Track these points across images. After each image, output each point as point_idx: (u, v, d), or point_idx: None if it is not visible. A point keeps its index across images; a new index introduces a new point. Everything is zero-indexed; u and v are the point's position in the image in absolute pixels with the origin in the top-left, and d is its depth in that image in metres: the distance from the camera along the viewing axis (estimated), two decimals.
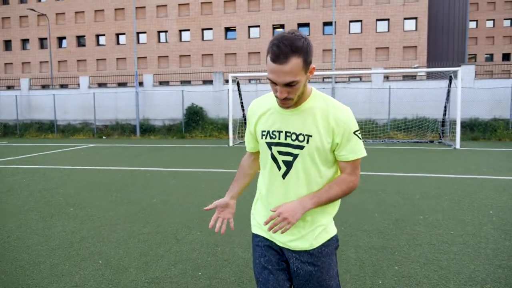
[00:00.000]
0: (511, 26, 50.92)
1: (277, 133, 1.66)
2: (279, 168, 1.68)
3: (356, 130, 1.62)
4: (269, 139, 1.69)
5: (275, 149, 1.68)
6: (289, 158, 1.65)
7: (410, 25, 34.02)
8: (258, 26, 36.71)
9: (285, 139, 1.65)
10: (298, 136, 1.62)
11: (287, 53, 1.45)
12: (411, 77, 26.22)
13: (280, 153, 1.67)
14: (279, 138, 1.66)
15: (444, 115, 16.05)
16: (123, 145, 16.76)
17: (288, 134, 1.64)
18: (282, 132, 1.65)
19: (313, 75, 1.56)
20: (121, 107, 22.06)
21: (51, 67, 33.88)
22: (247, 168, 1.95)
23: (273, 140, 1.67)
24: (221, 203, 1.89)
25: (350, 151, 1.62)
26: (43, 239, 4.45)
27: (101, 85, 31.16)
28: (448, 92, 15.62)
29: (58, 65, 40.22)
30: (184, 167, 9.84)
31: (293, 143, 1.63)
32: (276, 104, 1.66)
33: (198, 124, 20.09)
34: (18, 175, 9.01)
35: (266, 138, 1.70)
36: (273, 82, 1.52)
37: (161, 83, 28.46)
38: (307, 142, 1.61)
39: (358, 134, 1.63)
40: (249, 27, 36.85)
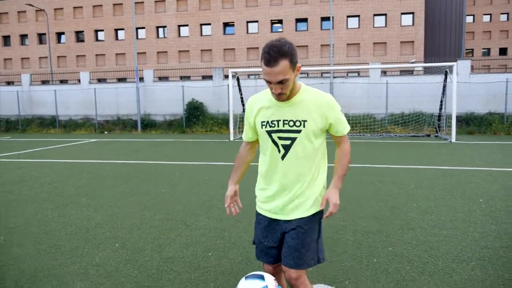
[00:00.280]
0: (508, 20, 51.16)
1: (276, 122, 2.02)
2: (279, 151, 2.05)
3: (340, 109, 2.06)
4: (269, 127, 2.04)
5: (275, 135, 2.04)
6: (287, 142, 2.02)
7: (407, 20, 34.26)
8: (257, 22, 36.88)
9: (283, 126, 2.01)
10: (295, 122, 2.00)
11: (276, 57, 1.81)
12: (409, 72, 26.50)
13: (280, 138, 2.03)
14: (278, 126, 2.02)
15: (440, 109, 16.36)
16: (125, 140, 17.03)
17: (285, 122, 2.01)
18: (280, 120, 2.01)
19: (300, 72, 1.96)
20: (122, 103, 22.29)
21: (50, 63, 34.00)
22: (245, 157, 2.30)
23: (272, 128, 2.03)
24: (231, 193, 2.24)
25: (343, 127, 2.08)
26: (61, 225, 4.75)
27: (100, 80, 31.37)
28: (444, 87, 15.92)
29: (57, 60, 40.34)
30: (187, 161, 10.13)
31: (291, 128, 2.01)
32: (272, 98, 2.02)
33: (198, 119, 20.35)
34: (26, 168, 9.29)
35: (266, 127, 2.05)
36: (268, 81, 1.90)
37: (161, 79, 28.65)
38: (304, 126, 2.00)
39: (342, 112, 2.08)
40: (248, 22, 37.02)
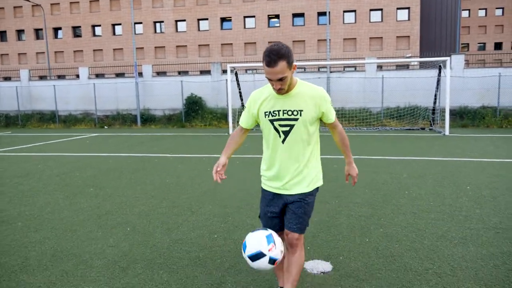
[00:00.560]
0: (503, 15, 51.51)
1: (277, 112, 2.40)
2: (280, 136, 2.42)
3: (328, 101, 2.44)
4: (271, 117, 2.42)
5: (276, 123, 2.41)
6: (286, 128, 2.40)
7: (403, 15, 34.53)
8: (254, 17, 37.05)
9: (283, 115, 2.39)
10: (293, 111, 2.38)
11: (275, 60, 2.18)
12: (404, 66, 26.81)
13: (281, 125, 2.41)
14: (278, 115, 2.40)
15: (435, 103, 16.69)
16: (125, 134, 17.30)
17: (285, 111, 2.39)
18: (280, 110, 2.39)
19: (296, 68, 2.35)
20: (121, 97, 22.50)
21: (48, 58, 34.10)
22: (238, 138, 2.67)
23: (274, 117, 2.41)
24: (222, 163, 2.57)
25: (332, 114, 2.48)
26: (73, 213, 5.05)
27: (98, 75, 31.49)
28: (438, 81, 16.24)
29: (54, 55, 40.40)
30: (189, 153, 10.44)
31: (289, 117, 2.38)
32: (273, 92, 2.40)
33: (197, 113, 20.62)
34: (31, 161, 9.56)
35: (268, 117, 2.43)
36: (269, 79, 2.28)
37: (159, 74, 28.83)
38: (300, 115, 2.37)
39: (330, 102, 2.46)
40: (245, 17, 37.18)
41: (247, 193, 5.87)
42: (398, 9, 34.51)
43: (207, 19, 37.71)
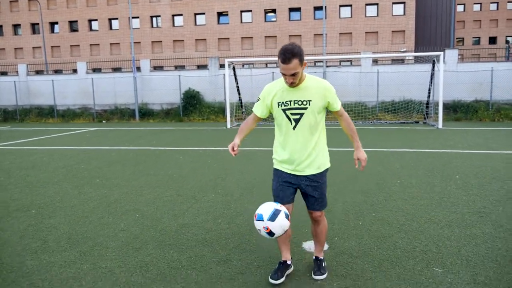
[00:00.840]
0: (498, 10, 51.85)
1: (289, 102, 2.78)
2: (291, 123, 2.80)
3: (333, 91, 2.79)
4: (283, 106, 2.80)
5: (288, 112, 2.79)
6: (297, 116, 2.78)
7: (398, 9, 34.79)
8: (250, 11, 37.17)
9: (294, 104, 2.77)
10: (302, 102, 2.76)
11: (290, 57, 2.56)
12: (400, 60, 27.11)
13: (292, 114, 2.78)
14: (290, 105, 2.78)
15: (428, 97, 17.02)
16: (124, 128, 17.52)
17: (296, 101, 2.77)
18: (292, 101, 2.77)
19: (306, 66, 2.69)
20: (119, 92, 22.68)
21: (44, 53, 34.12)
22: (251, 124, 3.00)
23: (286, 106, 2.79)
24: (237, 143, 2.88)
25: (337, 103, 2.83)
26: (83, 201, 5.33)
27: (95, 70, 31.59)
28: (432, 76, 16.56)
29: (51, 50, 40.38)
30: (189, 146, 10.71)
31: (300, 106, 2.76)
32: (285, 85, 2.78)
33: (195, 108, 20.85)
34: (35, 155, 9.80)
35: (281, 106, 2.80)
36: (284, 74, 2.65)
37: (156, 68, 28.98)
38: (309, 105, 2.71)
39: (335, 93, 2.81)
40: (241, 11, 37.30)
41: (247, 182, 6.16)
42: (393, 3, 34.75)
43: (204, 13, 37.80)
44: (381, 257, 3.32)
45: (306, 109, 2.75)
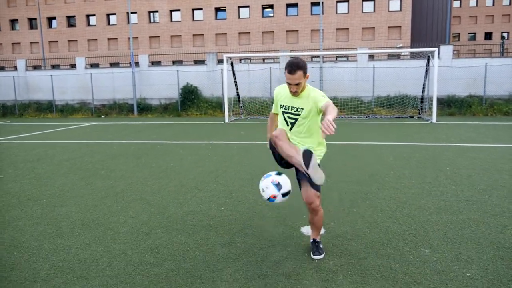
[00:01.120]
0: (493, 5, 52.14)
1: (288, 107, 3.22)
2: (288, 125, 3.24)
3: (322, 95, 3.08)
4: (283, 109, 3.25)
5: (286, 115, 3.24)
6: (293, 120, 3.21)
7: (395, 5, 34.99)
8: (248, 6, 37.27)
9: (291, 110, 3.19)
10: (297, 108, 3.16)
11: (295, 69, 2.97)
12: (396, 56, 27.38)
13: (289, 117, 3.23)
14: (288, 110, 3.22)
15: (423, 92, 17.32)
16: (123, 123, 17.72)
17: (293, 108, 3.18)
18: (290, 106, 3.20)
19: (308, 79, 3.09)
20: (118, 87, 22.85)
21: (42, 48, 34.14)
22: (274, 121, 3.48)
23: (285, 110, 3.24)
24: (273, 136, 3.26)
25: (323, 102, 3.02)
26: (91, 191, 5.58)
27: (93, 65, 31.68)
28: (427, 71, 16.85)
29: (49, 45, 40.36)
30: (188, 140, 10.96)
31: (295, 112, 3.18)
32: (288, 92, 3.16)
33: (193, 102, 21.07)
34: (38, 148, 10.02)
35: (282, 109, 3.27)
36: (289, 83, 3.05)
37: (153, 63, 29.11)
38: (302, 112, 3.14)
39: (323, 96, 3.08)
40: (239, 7, 37.38)
41: (247, 173, 6.43)
42: None
43: (201, 9, 37.86)
44: (373, 240, 3.60)
45: (299, 115, 3.14)
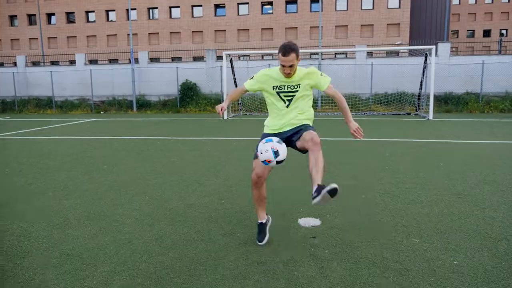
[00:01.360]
0: (492, 2, 52.26)
1: (283, 86, 3.38)
2: (285, 102, 3.41)
3: (321, 74, 3.36)
4: (278, 90, 3.39)
5: (282, 94, 3.40)
6: (289, 97, 3.39)
7: (393, 2, 35.11)
8: (247, 3, 37.34)
9: (287, 88, 3.36)
10: (294, 86, 3.35)
11: (289, 51, 3.14)
12: (394, 53, 27.53)
13: (285, 96, 3.40)
14: (284, 88, 3.38)
15: (420, 89, 17.49)
16: (123, 119, 17.87)
17: (289, 86, 3.36)
18: (285, 85, 3.37)
19: (300, 60, 3.27)
20: (117, 84, 22.97)
21: (41, 44, 34.19)
22: (238, 94, 3.66)
23: (280, 90, 3.39)
24: (225, 106, 3.42)
25: (324, 81, 3.36)
26: (94, 185, 5.74)
27: (92, 61, 31.76)
28: (424, 68, 17.01)
29: (48, 41, 40.38)
30: (188, 136, 11.12)
31: (291, 90, 3.36)
32: (280, 73, 3.32)
33: (192, 99, 21.22)
34: (40, 144, 10.17)
35: (276, 89, 3.39)
36: (283, 65, 3.19)
37: (152, 60, 29.22)
38: (298, 88, 3.35)
39: (323, 74, 3.37)
40: (238, 4, 37.46)
41: (245, 168, 6.56)
42: None
43: (200, 5, 37.92)
44: (367, 231, 3.78)
45: (297, 91, 3.35)
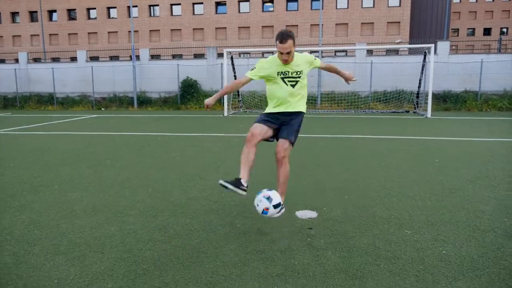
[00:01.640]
0: (493, 1, 52.30)
1: (287, 72, 3.77)
2: (289, 86, 3.80)
3: (313, 57, 3.92)
4: (282, 75, 3.78)
5: (286, 79, 3.79)
6: (293, 82, 3.80)
7: (394, 0, 35.19)
8: (248, 1, 37.43)
9: (291, 74, 3.77)
10: (297, 72, 3.78)
11: (286, 38, 3.51)
12: (394, 51, 27.66)
13: (289, 80, 3.81)
14: (289, 74, 3.77)
15: (419, 87, 17.64)
16: (123, 115, 18.02)
17: (293, 72, 3.77)
18: (289, 72, 3.77)
19: (296, 48, 3.65)
20: (118, 80, 23.12)
21: (43, 41, 34.30)
22: (238, 85, 4.04)
23: (285, 76, 3.78)
24: (213, 102, 3.84)
25: (318, 62, 3.99)
26: (98, 179, 5.90)
27: (93, 58, 31.88)
28: (423, 67, 17.16)
29: (49, 38, 40.49)
30: (188, 132, 11.28)
31: (295, 75, 3.79)
32: (278, 61, 3.72)
33: (193, 96, 21.37)
34: (43, 139, 10.34)
35: (280, 75, 3.78)
36: (280, 52, 3.57)
37: (153, 57, 29.34)
38: (301, 74, 3.80)
39: (314, 57, 3.93)
40: (239, 1, 37.55)
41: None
42: None
43: (201, 3, 38.02)
44: (361, 223, 3.95)
45: (300, 77, 3.76)
